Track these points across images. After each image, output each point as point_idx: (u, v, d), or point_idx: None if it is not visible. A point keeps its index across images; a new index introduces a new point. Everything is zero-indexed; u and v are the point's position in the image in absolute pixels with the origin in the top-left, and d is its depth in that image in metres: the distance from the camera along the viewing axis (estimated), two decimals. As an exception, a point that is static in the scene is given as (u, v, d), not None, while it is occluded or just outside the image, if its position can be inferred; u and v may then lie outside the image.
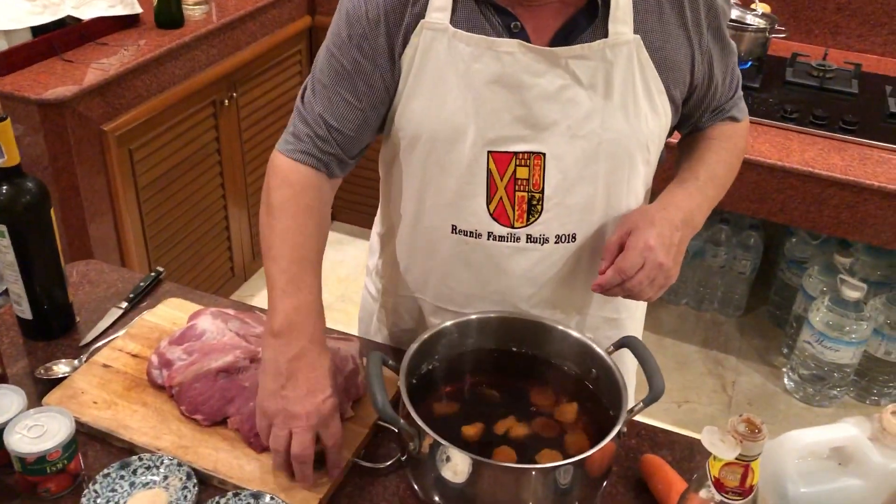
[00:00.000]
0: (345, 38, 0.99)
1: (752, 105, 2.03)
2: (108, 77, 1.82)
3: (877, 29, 2.38)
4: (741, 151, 1.15)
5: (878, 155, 1.89)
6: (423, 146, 1.01)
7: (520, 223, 1.01)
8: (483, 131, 0.97)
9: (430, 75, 0.98)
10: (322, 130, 1.01)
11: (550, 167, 0.99)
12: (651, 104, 0.99)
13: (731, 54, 1.08)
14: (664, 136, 1.05)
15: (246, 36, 2.25)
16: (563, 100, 0.96)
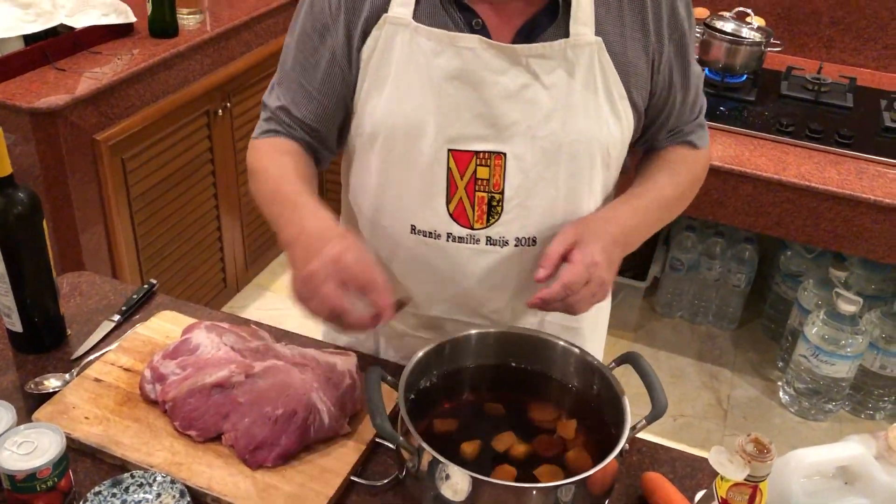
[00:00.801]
0: (308, 30, 1.01)
1: (747, 118, 2.04)
2: (101, 86, 1.80)
3: (870, 43, 2.39)
4: (696, 179, 1.12)
5: (873, 169, 1.89)
6: (382, 143, 1.01)
7: (479, 224, 1.00)
8: (443, 128, 0.97)
9: (390, 70, 0.98)
10: (287, 119, 1.05)
11: (511, 167, 0.98)
12: (612, 107, 0.99)
13: (695, 76, 1.07)
14: (627, 141, 1.05)
15: (240, 46, 2.24)
16: (524, 99, 0.96)
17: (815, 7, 2.40)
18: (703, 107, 1.12)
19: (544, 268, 0.93)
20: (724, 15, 2.23)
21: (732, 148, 1.93)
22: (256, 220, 2.52)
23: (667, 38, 1.00)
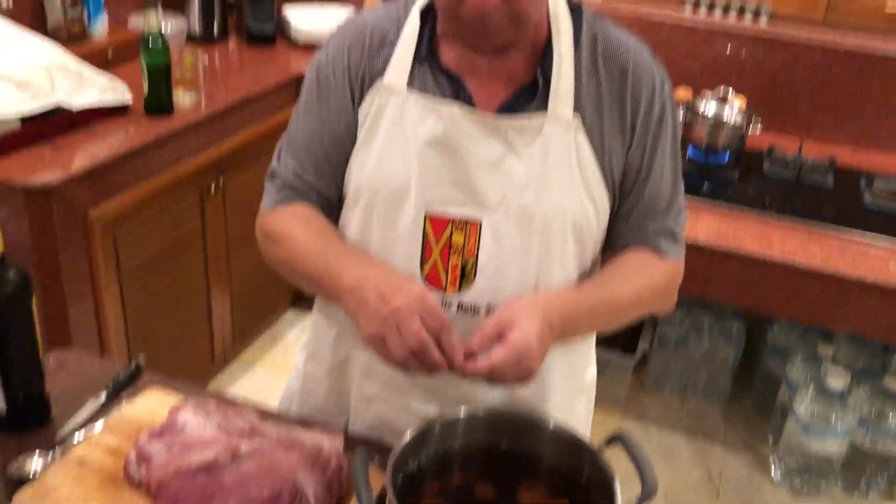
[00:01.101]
0: (314, 98, 1.08)
1: (731, 196, 2.08)
2: (97, 163, 1.83)
3: (848, 124, 2.46)
4: (659, 291, 1.10)
5: (856, 246, 1.92)
6: (364, 203, 1.04)
7: (452, 290, 1.02)
8: (422, 192, 1.01)
9: (379, 133, 1.03)
10: (299, 184, 1.08)
11: (486, 235, 1.01)
12: (586, 186, 1.02)
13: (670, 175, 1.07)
14: (602, 221, 1.06)
15: (234, 124, 2.28)
16: (501, 169, 1.00)
17: (793, 89, 2.48)
18: (679, 216, 1.11)
19: (476, 337, 0.94)
20: (706, 96, 2.30)
21: (717, 225, 1.96)
22: (246, 295, 2.52)
23: (642, 129, 1.03)
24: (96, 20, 2.35)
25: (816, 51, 2.43)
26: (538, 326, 0.94)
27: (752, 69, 2.50)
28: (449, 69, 1.02)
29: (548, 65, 1.00)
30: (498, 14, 0.91)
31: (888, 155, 2.45)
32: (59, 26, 2.24)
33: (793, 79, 2.48)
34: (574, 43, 1.02)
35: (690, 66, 2.56)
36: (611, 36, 1.05)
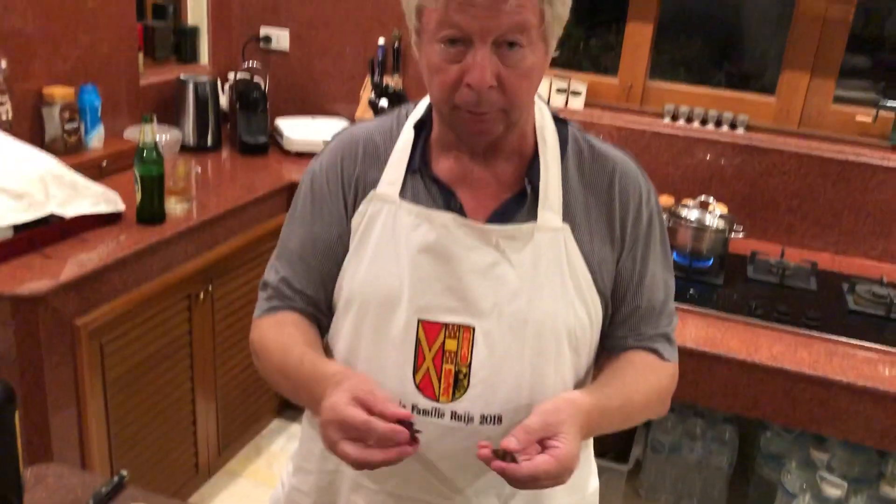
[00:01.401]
0: (308, 208, 1.10)
1: (717, 301, 2.10)
2: (86, 272, 1.83)
3: (827, 230, 2.52)
4: (663, 392, 1.11)
5: (843, 350, 1.93)
6: (357, 310, 1.05)
7: (445, 397, 1.01)
8: (415, 299, 1.01)
9: (371, 242, 1.05)
10: (288, 291, 1.10)
11: (479, 341, 1.01)
12: (579, 292, 1.03)
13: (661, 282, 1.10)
14: (596, 328, 1.07)
15: (225, 231, 2.31)
16: (493, 276, 1.01)
17: (772, 196, 2.55)
18: (672, 320, 1.13)
19: (516, 437, 0.91)
20: (688, 203, 2.36)
21: (705, 330, 1.97)
22: (231, 404, 2.48)
23: (631, 238, 1.06)
24: (93, 132, 2.41)
25: (793, 158, 2.51)
26: (579, 437, 0.94)
27: (732, 176, 2.57)
28: (441, 179, 1.05)
29: (535, 173, 1.04)
30: (492, 96, 0.94)
31: (867, 259, 2.50)
32: (57, 138, 2.30)
33: (772, 185, 2.54)
34: (560, 154, 1.06)
35: (671, 173, 2.63)
36: (596, 148, 1.09)
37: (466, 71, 0.93)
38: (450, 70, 0.94)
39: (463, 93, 0.94)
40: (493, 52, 0.92)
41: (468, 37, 0.92)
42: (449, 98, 0.96)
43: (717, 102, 2.69)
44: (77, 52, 2.43)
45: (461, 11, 0.90)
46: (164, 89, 2.83)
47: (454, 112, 0.98)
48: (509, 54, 0.93)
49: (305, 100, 3.14)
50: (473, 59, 0.92)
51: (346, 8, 2.98)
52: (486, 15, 0.90)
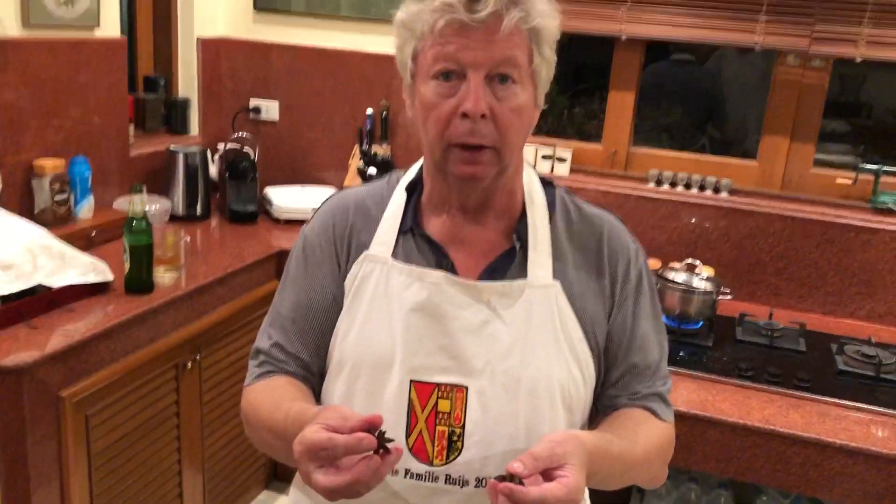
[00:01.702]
0: (300, 271, 1.11)
1: (707, 364, 2.09)
2: (72, 343, 1.82)
3: (814, 291, 2.54)
4: (663, 450, 1.10)
5: (835, 412, 1.92)
6: (348, 372, 1.05)
7: (439, 461, 1.00)
8: (407, 359, 1.01)
9: (363, 303, 1.06)
10: (281, 355, 1.10)
11: (472, 401, 1.01)
12: (572, 350, 1.03)
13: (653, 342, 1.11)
14: (589, 386, 1.07)
15: (213, 300, 2.31)
16: (485, 334, 1.02)
17: (758, 258, 2.57)
18: (666, 381, 1.13)
19: (523, 462, 0.88)
20: (675, 266, 2.38)
21: (696, 393, 1.96)
22: (219, 475, 2.44)
23: (622, 297, 1.07)
24: (83, 203, 2.43)
25: (777, 221, 2.54)
26: (584, 471, 0.92)
27: (718, 239, 2.60)
28: (432, 238, 1.06)
29: (524, 230, 1.05)
30: (485, 127, 0.97)
31: (855, 319, 2.51)
32: (46, 209, 2.31)
33: (757, 248, 2.57)
34: (549, 214, 1.08)
35: (657, 237, 2.66)
36: (583, 209, 1.11)
37: (460, 102, 0.96)
38: (444, 104, 0.98)
39: (457, 124, 0.97)
40: (486, 86, 0.97)
41: (462, 69, 0.96)
42: (443, 133, 0.99)
43: (700, 167, 2.74)
44: (69, 125, 2.46)
45: (456, 44, 0.96)
46: (155, 160, 2.86)
47: (448, 153, 1.00)
48: (501, 88, 0.97)
49: (295, 168, 3.18)
50: (468, 88, 0.96)
51: (334, 80, 3.05)
52: (480, 46, 0.95)
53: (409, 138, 2.95)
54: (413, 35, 1.00)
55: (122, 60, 2.65)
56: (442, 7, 0.96)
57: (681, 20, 2.58)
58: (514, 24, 0.96)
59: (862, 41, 2.40)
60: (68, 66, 2.43)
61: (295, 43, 3.08)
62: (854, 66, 2.48)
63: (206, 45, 3.09)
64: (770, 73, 2.65)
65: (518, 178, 1.08)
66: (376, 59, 2.96)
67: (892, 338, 2.39)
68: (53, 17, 2.36)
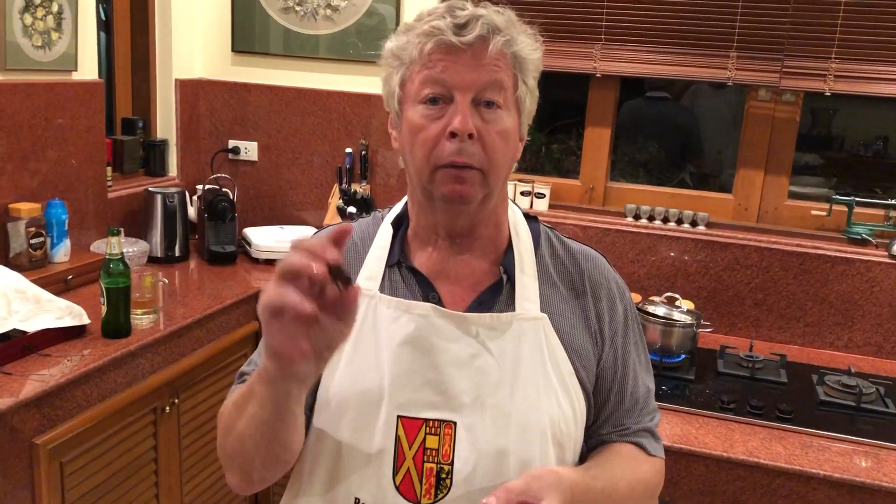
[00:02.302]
0: None
1: (689, 397, 2.09)
2: (47, 388, 1.79)
3: (793, 322, 2.55)
4: (648, 486, 1.11)
5: (817, 443, 1.92)
6: (334, 408, 1.03)
7: (427, 499, 0.99)
8: (394, 394, 1.00)
9: (350, 337, 1.01)
10: None
11: (461, 437, 0.99)
12: (562, 384, 1.03)
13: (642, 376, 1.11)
14: (580, 422, 1.07)
15: (192, 342, 2.28)
16: (473, 367, 1.01)
17: (737, 290, 2.59)
18: (655, 416, 1.14)
19: (498, 500, 0.88)
20: (654, 300, 2.38)
21: (679, 427, 1.96)
22: (198, 521, 2.39)
23: (610, 332, 1.07)
24: (59, 246, 2.40)
25: (754, 253, 2.57)
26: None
27: (696, 272, 2.62)
28: (419, 271, 1.06)
29: (510, 263, 1.06)
30: (472, 147, 0.98)
31: (834, 350, 2.53)
32: (22, 253, 2.28)
33: (735, 280, 2.59)
34: (534, 248, 1.08)
35: (636, 271, 2.68)
36: (567, 244, 1.12)
37: (448, 124, 0.98)
38: (432, 126, 0.99)
39: (444, 145, 0.98)
40: (473, 109, 0.99)
41: (450, 92, 0.98)
42: (430, 155, 0.99)
43: (676, 201, 2.77)
44: (45, 168, 2.45)
45: (443, 66, 0.98)
46: (133, 202, 2.84)
47: (435, 174, 1.00)
48: (487, 112, 0.99)
49: (274, 208, 3.17)
50: (455, 109, 0.98)
51: (313, 119, 3.06)
52: (467, 69, 0.98)
53: (389, 176, 2.96)
54: (402, 63, 1.03)
55: (100, 103, 2.64)
56: (430, 31, 0.99)
57: (654, 57, 2.62)
58: (500, 49, 0.99)
59: (830, 76, 2.46)
60: (45, 109, 2.43)
61: (273, 83, 3.10)
62: (825, 100, 2.54)
63: (185, 86, 3.10)
64: (741, 108, 2.69)
65: (503, 211, 1.09)
66: (355, 98, 2.98)
67: (871, 367, 2.40)
68: (30, 61, 2.36)
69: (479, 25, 0.98)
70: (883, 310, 2.48)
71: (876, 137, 3.23)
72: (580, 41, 2.66)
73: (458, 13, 0.99)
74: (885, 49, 2.40)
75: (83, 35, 2.55)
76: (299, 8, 3.00)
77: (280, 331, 0.81)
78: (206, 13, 3.14)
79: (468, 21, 0.98)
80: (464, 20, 0.98)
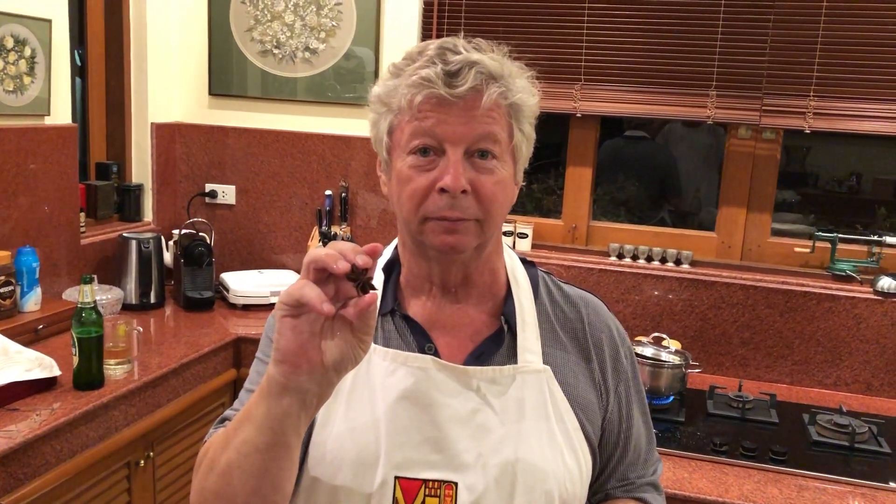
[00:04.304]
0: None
1: (680, 439, 2.05)
2: (14, 445, 1.70)
3: (780, 361, 2.53)
4: None
5: (813, 485, 1.88)
6: (327, 467, 0.96)
7: None
8: (391, 453, 0.93)
9: (343, 391, 0.97)
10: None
11: (462, 499, 0.93)
12: (567, 440, 0.98)
13: (644, 427, 1.08)
14: (586, 480, 1.01)
15: (167, 392, 2.20)
16: (475, 424, 0.95)
17: (723, 329, 2.57)
18: (657, 468, 1.11)
19: None
20: (641, 340, 2.35)
21: (672, 471, 1.91)
22: (174, 581, 2.28)
23: (613, 383, 1.03)
24: (30, 295, 2.32)
25: (739, 291, 2.55)
26: None
27: (682, 311, 2.59)
28: (415, 321, 1.01)
29: (511, 312, 1.01)
30: (465, 201, 0.93)
31: (823, 388, 2.50)
32: (-10, 302, 2.21)
33: (722, 318, 2.57)
34: (533, 295, 1.04)
35: (622, 311, 2.64)
36: (564, 289, 1.08)
37: (439, 178, 0.93)
38: (421, 178, 0.94)
39: (434, 198, 0.93)
40: (465, 161, 0.93)
41: (441, 144, 0.93)
42: (419, 207, 0.94)
43: (659, 240, 2.75)
44: (16, 214, 2.39)
45: (434, 119, 0.92)
46: (107, 248, 2.78)
47: (424, 225, 0.95)
48: (481, 163, 0.94)
49: (252, 252, 3.12)
50: (446, 164, 0.93)
51: (292, 162, 3.03)
52: (459, 121, 0.92)
53: (370, 218, 2.92)
54: (389, 110, 0.97)
55: (73, 148, 2.59)
56: (420, 82, 0.92)
57: (634, 96, 2.63)
58: (494, 100, 0.93)
59: (810, 113, 2.47)
60: (17, 154, 2.37)
61: (251, 126, 3.07)
62: (798, 138, 2.54)
63: (161, 129, 3.06)
64: (718, 147, 2.70)
65: (499, 257, 1.05)
66: (334, 140, 2.95)
67: (861, 405, 2.38)
68: (1, 105, 2.31)
69: (472, 75, 0.91)
70: (870, 346, 2.46)
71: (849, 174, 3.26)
72: (560, 81, 2.66)
73: (450, 58, 0.92)
74: (862, 87, 2.42)
75: (56, 79, 2.51)
76: (277, 51, 2.98)
77: (293, 331, 0.80)
78: (183, 56, 3.11)
79: (460, 69, 0.92)
80: (456, 67, 0.92)
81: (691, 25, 2.55)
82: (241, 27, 3.01)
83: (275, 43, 2.98)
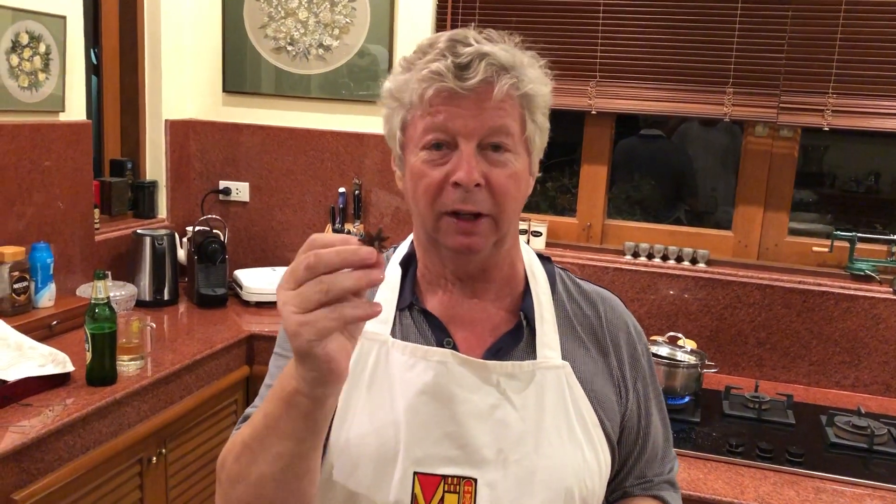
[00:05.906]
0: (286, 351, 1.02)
1: (696, 440, 2.02)
2: (27, 441, 1.70)
3: (797, 361, 2.50)
4: None
5: (831, 487, 1.85)
6: (346, 463, 0.95)
7: None
8: (410, 448, 0.92)
9: (362, 386, 0.96)
10: None
11: (482, 495, 0.92)
12: (587, 436, 0.96)
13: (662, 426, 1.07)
14: (605, 476, 1.00)
15: (180, 389, 2.20)
16: (494, 419, 0.94)
17: (739, 329, 2.54)
18: (674, 466, 1.10)
19: None
20: (657, 340, 2.33)
21: (687, 472, 1.89)
22: (186, 578, 2.28)
23: (631, 380, 1.02)
24: (44, 291, 2.33)
25: (755, 290, 2.52)
26: None
27: (698, 311, 2.57)
28: (433, 315, 1.00)
29: (529, 307, 0.99)
30: (479, 195, 0.92)
31: (841, 389, 2.47)
32: (4, 298, 2.21)
33: (738, 318, 2.54)
34: (551, 290, 1.03)
35: (637, 310, 2.62)
36: (582, 286, 1.07)
37: (452, 172, 0.92)
38: (434, 172, 0.93)
39: (448, 192, 0.92)
40: (479, 154, 0.92)
41: (453, 139, 0.92)
42: (434, 201, 0.93)
43: (675, 239, 2.73)
44: (31, 211, 2.39)
45: (445, 113, 0.91)
46: (121, 244, 2.78)
47: (440, 221, 0.94)
48: (494, 156, 0.93)
49: (265, 250, 3.12)
50: (459, 158, 0.92)
51: (305, 159, 3.02)
52: (471, 114, 0.91)
53: (383, 216, 2.92)
54: (401, 105, 0.96)
55: (88, 144, 2.60)
56: (430, 76, 0.91)
57: (650, 93, 2.60)
58: (506, 92, 0.92)
59: (828, 110, 2.44)
60: (31, 150, 2.38)
61: (265, 123, 3.06)
62: (816, 137, 2.51)
63: (175, 126, 3.07)
64: (735, 145, 2.67)
65: (517, 250, 1.04)
66: (347, 138, 2.95)
67: (880, 407, 2.35)
68: (16, 102, 2.31)
69: (482, 67, 0.90)
70: (889, 347, 2.43)
71: (868, 173, 3.22)
72: (575, 78, 2.64)
73: (461, 51, 0.91)
74: (881, 84, 2.39)
75: (71, 76, 2.51)
76: (291, 48, 2.98)
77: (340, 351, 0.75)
78: (197, 53, 3.11)
79: (471, 61, 0.90)
80: (466, 60, 0.90)
81: (708, 21, 2.52)
82: (255, 24, 3.01)
83: (288, 40, 2.97)
